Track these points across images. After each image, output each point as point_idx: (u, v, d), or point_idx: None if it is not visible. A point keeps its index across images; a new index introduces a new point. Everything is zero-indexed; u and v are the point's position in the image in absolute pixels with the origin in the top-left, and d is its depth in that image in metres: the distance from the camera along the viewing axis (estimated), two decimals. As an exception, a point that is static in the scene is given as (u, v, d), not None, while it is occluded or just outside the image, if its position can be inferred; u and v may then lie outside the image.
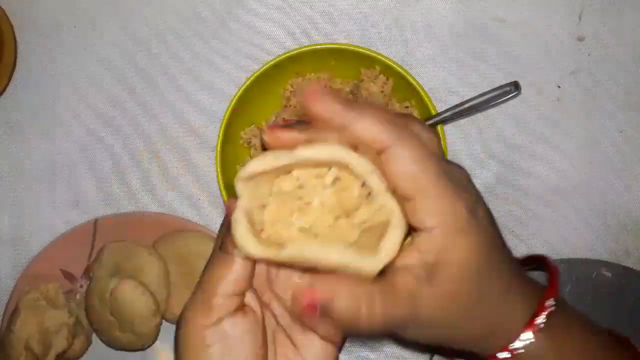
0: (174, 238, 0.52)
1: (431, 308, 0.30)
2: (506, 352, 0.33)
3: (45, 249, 0.53)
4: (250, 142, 0.54)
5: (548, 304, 0.33)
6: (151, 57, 0.58)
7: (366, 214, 0.31)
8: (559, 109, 0.56)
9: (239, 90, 0.50)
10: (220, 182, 0.50)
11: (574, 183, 0.55)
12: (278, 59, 0.51)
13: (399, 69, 0.50)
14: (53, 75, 0.58)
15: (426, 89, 0.50)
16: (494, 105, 0.53)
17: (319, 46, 0.51)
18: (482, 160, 0.55)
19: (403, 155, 0.29)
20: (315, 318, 0.29)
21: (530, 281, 0.35)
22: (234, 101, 0.50)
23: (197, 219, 0.55)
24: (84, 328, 0.52)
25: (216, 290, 0.33)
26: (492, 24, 0.57)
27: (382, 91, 0.52)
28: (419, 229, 0.30)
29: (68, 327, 0.50)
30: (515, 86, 0.51)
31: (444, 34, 0.57)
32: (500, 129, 0.56)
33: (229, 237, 0.32)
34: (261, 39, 0.58)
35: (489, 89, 0.52)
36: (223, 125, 0.50)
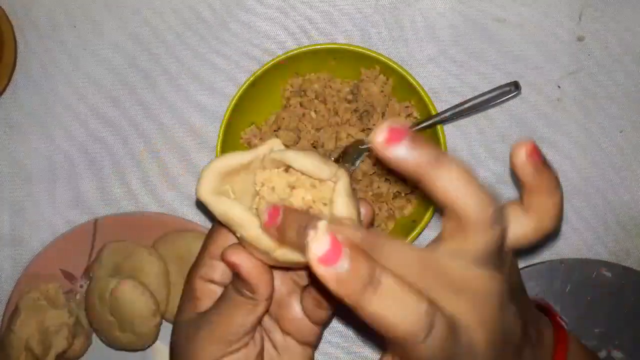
0: (174, 238, 0.52)
1: None
2: None
3: (45, 248, 0.53)
4: (250, 142, 0.54)
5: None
6: (151, 57, 0.58)
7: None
8: (559, 109, 0.56)
9: (239, 90, 0.50)
10: (220, 182, 0.50)
11: (574, 183, 0.55)
12: (278, 59, 0.51)
13: (399, 69, 0.50)
14: (53, 75, 0.58)
15: (426, 89, 0.50)
16: (494, 105, 0.53)
17: (319, 46, 0.51)
18: (482, 160, 0.55)
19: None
20: None
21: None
22: (234, 101, 0.50)
23: (197, 219, 0.55)
24: (84, 328, 0.52)
25: (205, 251, 0.36)
26: (492, 24, 0.57)
27: (382, 91, 0.52)
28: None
29: (68, 327, 0.50)
30: (515, 86, 0.51)
31: (444, 34, 0.57)
32: (500, 129, 0.56)
33: (240, 283, 0.32)
34: (261, 39, 0.58)
35: (489, 89, 0.52)
36: (223, 125, 0.50)
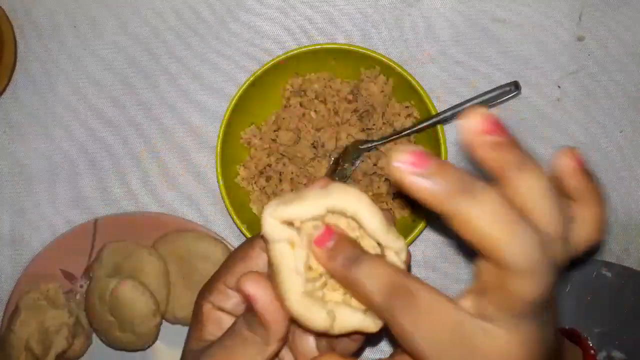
0: (174, 238, 0.52)
1: None
2: None
3: (45, 248, 0.53)
4: (250, 142, 0.54)
5: None
6: (151, 57, 0.58)
7: None
8: (559, 108, 0.56)
9: (239, 90, 0.50)
10: (220, 182, 0.50)
11: (574, 183, 0.55)
12: (278, 59, 0.51)
13: (399, 69, 0.50)
14: (53, 75, 0.58)
15: (426, 89, 0.50)
16: (494, 105, 0.53)
17: (319, 46, 0.51)
18: (482, 160, 0.55)
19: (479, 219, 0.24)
20: None
21: None
22: (234, 101, 0.50)
23: (197, 219, 0.55)
24: (84, 328, 0.52)
25: (221, 277, 0.34)
26: (492, 24, 0.57)
27: (382, 91, 0.52)
28: None
29: (68, 327, 0.50)
30: (515, 86, 0.51)
31: (444, 34, 0.57)
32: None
33: (253, 318, 0.29)
34: (261, 39, 0.58)
35: (489, 89, 0.52)
36: (223, 125, 0.50)
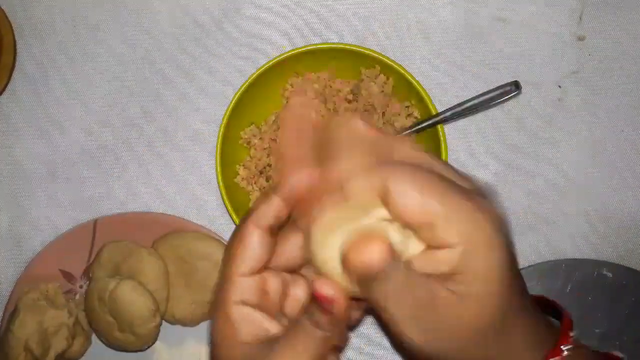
0: (174, 238, 0.52)
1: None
2: None
3: (44, 249, 0.53)
4: (250, 142, 0.54)
5: (564, 348, 0.32)
6: (151, 58, 0.58)
7: None
8: (559, 109, 0.56)
9: (239, 90, 0.50)
10: (220, 182, 0.50)
11: (575, 183, 0.55)
12: (278, 59, 0.51)
13: (399, 69, 0.50)
14: (52, 76, 0.58)
15: (426, 88, 0.50)
16: (494, 105, 0.53)
17: (319, 46, 0.51)
18: (482, 160, 0.55)
19: (402, 191, 0.28)
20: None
21: (541, 321, 0.33)
22: (233, 101, 0.50)
23: (197, 219, 0.55)
24: (84, 328, 0.52)
25: (233, 270, 0.34)
26: (492, 24, 0.57)
27: (382, 91, 0.52)
28: (441, 248, 0.29)
29: (68, 328, 0.50)
30: (515, 86, 0.51)
31: (444, 34, 0.57)
32: (501, 129, 0.55)
33: (324, 317, 0.31)
34: (260, 42, 0.58)
35: (489, 88, 0.51)
36: (223, 125, 0.50)
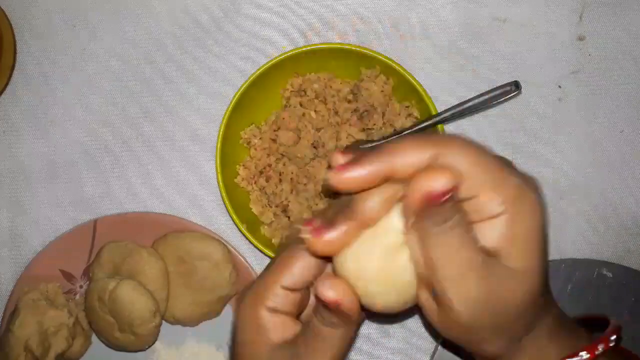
0: (174, 238, 0.52)
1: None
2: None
3: (45, 249, 0.53)
4: (250, 142, 0.54)
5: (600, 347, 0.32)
6: (151, 58, 0.58)
7: None
8: (559, 109, 0.56)
9: (239, 90, 0.50)
10: (220, 182, 0.50)
11: (575, 183, 0.55)
12: (278, 59, 0.51)
13: (399, 69, 0.50)
14: (52, 76, 0.58)
15: (426, 88, 0.50)
16: (494, 105, 0.53)
17: (319, 46, 0.51)
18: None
19: (453, 160, 0.29)
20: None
21: (566, 319, 0.34)
22: (234, 101, 0.50)
23: (197, 219, 0.55)
24: (84, 328, 0.52)
25: (277, 280, 0.34)
26: (492, 24, 0.57)
27: (382, 91, 0.52)
28: (485, 219, 0.30)
29: (68, 328, 0.50)
30: (515, 86, 0.51)
31: (444, 34, 0.57)
32: (501, 129, 0.55)
33: (333, 316, 0.32)
34: (260, 42, 0.57)
35: (489, 88, 0.51)
36: (223, 125, 0.50)
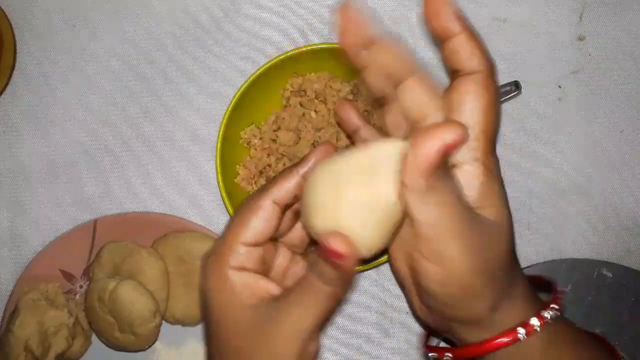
0: (174, 238, 0.52)
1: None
2: (506, 337, 0.33)
3: (45, 249, 0.53)
4: (250, 142, 0.54)
5: (553, 307, 0.34)
6: (151, 58, 0.58)
7: None
8: (559, 109, 0.56)
9: (239, 90, 0.50)
10: (220, 182, 0.50)
11: (575, 183, 0.55)
12: (278, 59, 0.51)
13: (399, 69, 0.50)
14: (52, 76, 0.58)
15: (426, 88, 0.50)
16: (494, 105, 0.53)
17: (319, 46, 0.51)
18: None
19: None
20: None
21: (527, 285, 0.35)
22: (233, 101, 0.50)
23: (197, 219, 0.55)
24: (84, 328, 0.52)
25: (236, 237, 0.34)
26: (492, 24, 0.57)
27: (382, 91, 0.52)
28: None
29: (68, 328, 0.50)
30: (515, 86, 0.51)
31: (444, 34, 0.57)
32: (500, 129, 0.55)
33: (333, 272, 0.32)
34: (260, 42, 0.57)
35: (489, 88, 0.51)
36: (223, 125, 0.50)
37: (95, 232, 0.53)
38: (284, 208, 0.36)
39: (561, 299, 0.35)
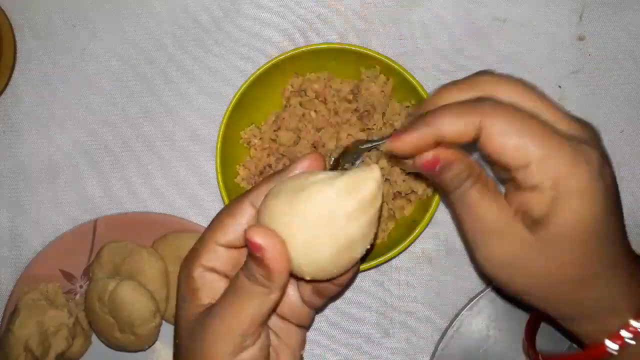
0: (174, 238, 0.52)
1: (533, 261, 0.31)
2: (616, 342, 0.31)
3: (45, 249, 0.53)
4: (250, 142, 0.54)
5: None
6: (151, 58, 0.58)
7: None
8: (559, 109, 0.56)
9: (239, 90, 0.50)
10: (220, 182, 0.50)
11: (575, 183, 0.55)
12: (278, 59, 0.51)
13: (399, 69, 0.50)
14: (52, 76, 0.58)
15: (426, 89, 0.50)
16: (494, 105, 0.53)
17: (319, 46, 0.51)
18: (482, 160, 0.55)
19: (500, 130, 0.31)
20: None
21: None
22: (234, 101, 0.50)
23: (198, 219, 0.55)
24: (84, 328, 0.52)
25: (213, 237, 0.35)
26: (492, 24, 0.57)
27: (382, 91, 0.52)
28: (532, 189, 0.31)
29: (68, 328, 0.50)
30: (515, 86, 0.51)
31: (444, 34, 0.57)
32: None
33: (258, 269, 0.31)
34: (260, 42, 0.57)
35: (489, 88, 0.51)
36: (223, 125, 0.50)
37: (95, 232, 0.53)
38: None
39: None
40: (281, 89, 0.54)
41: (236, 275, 0.33)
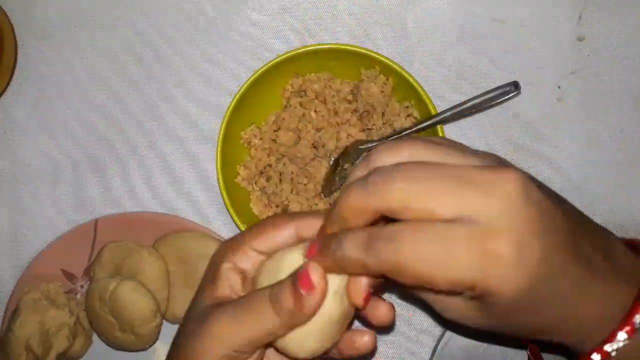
0: (174, 238, 0.52)
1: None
2: (597, 355, 0.29)
3: (45, 248, 0.53)
4: (250, 142, 0.54)
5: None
6: (151, 58, 0.58)
7: None
8: (559, 109, 0.56)
9: (239, 90, 0.51)
10: (221, 182, 0.50)
11: (575, 183, 0.55)
12: (278, 59, 0.51)
13: (399, 69, 0.50)
14: (53, 75, 0.58)
15: (426, 89, 0.50)
16: (493, 105, 0.53)
17: (319, 46, 0.51)
18: (482, 160, 0.55)
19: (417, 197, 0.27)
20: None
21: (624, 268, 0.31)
22: (234, 101, 0.51)
23: (198, 219, 0.55)
24: (85, 328, 0.52)
25: (251, 241, 0.35)
26: (492, 24, 0.57)
27: (382, 91, 0.52)
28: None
29: (69, 327, 0.50)
30: (515, 86, 0.51)
31: (444, 34, 0.57)
32: (500, 130, 0.56)
33: (294, 301, 0.30)
34: (260, 43, 0.58)
35: (488, 89, 0.52)
36: (223, 125, 0.50)
37: (96, 232, 0.53)
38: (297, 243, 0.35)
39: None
40: (281, 89, 0.54)
41: (258, 291, 0.32)
